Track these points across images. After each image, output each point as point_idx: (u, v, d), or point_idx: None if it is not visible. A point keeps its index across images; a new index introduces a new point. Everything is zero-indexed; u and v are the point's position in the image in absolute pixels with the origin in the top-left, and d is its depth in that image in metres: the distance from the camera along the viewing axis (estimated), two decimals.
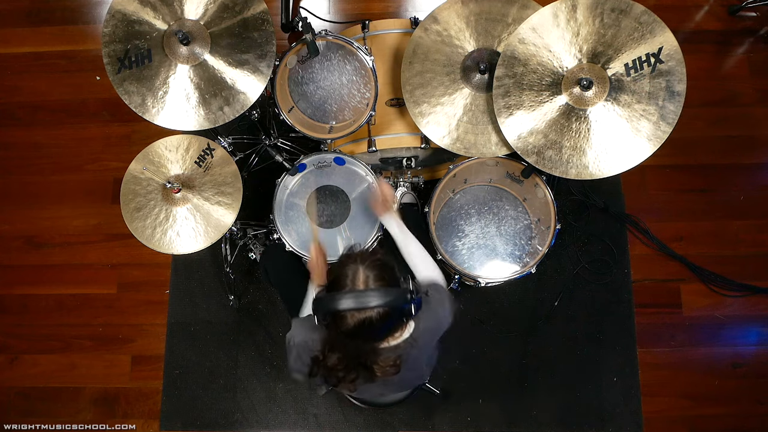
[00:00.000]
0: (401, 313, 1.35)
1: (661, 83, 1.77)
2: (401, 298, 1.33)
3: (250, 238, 2.52)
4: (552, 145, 1.85)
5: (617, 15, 1.79)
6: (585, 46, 1.81)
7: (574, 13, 1.81)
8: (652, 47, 1.77)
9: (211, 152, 2.02)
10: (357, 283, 1.33)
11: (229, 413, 2.51)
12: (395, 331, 1.44)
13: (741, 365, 2.51)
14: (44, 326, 2.69)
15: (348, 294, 1.31)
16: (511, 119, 1.87)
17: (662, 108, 1.77)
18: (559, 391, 2.48)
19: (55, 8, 3.05)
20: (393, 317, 1.34)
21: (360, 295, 1.30)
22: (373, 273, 1.35)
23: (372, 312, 1.29)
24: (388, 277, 1.36)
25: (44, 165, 2.88)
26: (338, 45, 2.12)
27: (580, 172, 1.84)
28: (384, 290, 1.31)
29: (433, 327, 1.57)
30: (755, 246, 2.62)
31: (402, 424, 2.46)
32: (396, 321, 1.38)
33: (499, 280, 2.14)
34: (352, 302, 1.29)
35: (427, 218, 2.13)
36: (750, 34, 2.86)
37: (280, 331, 2.57)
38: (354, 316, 1.30)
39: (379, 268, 1.36)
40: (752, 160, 2.73)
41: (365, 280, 1.34)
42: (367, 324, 1.30)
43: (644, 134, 1.79)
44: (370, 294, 1.30)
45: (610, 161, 1.82)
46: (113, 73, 1.84)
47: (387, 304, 1.30)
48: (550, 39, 1.83)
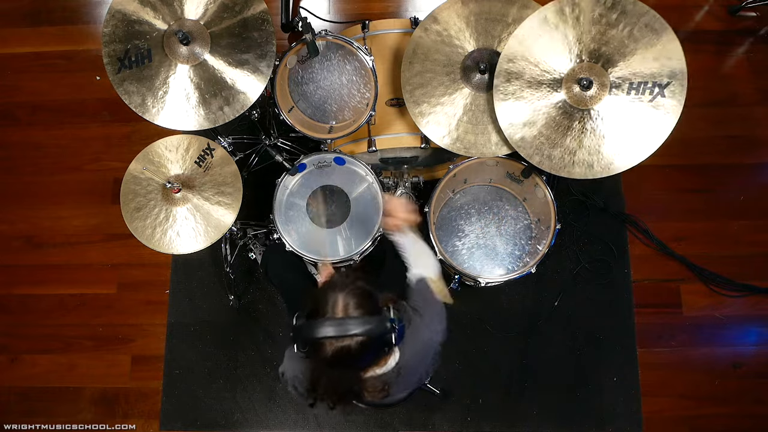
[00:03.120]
0: (382, 342, 1.32)
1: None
2: (381, 326, 1.30)
3: (250, 238, 2.52)
4: (552, 144, 1.85)
5: (620, 15, 1.78)
6: (586, 45, 1.81)
7: (576, 12, 1.80)
8: (659, 66, 1.76)
9: (211, 152, 2.02)
10: (336, 311, 1.30)
11: (229, 413, 2.51)
12: (378, 359, 1.42)
13: (741, 365, 2.51)
14: (44, 326, 2.69)
15: (326, 323, 1.28)
16: (511, 119, 1.87)
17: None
18: (559, 391, 2.48)
19: (55, 8, 3.05)
20: (373, 346, 1.31)
21: (339, 323, 1.27)
22: (353, 300, 1.31)
23: (351, 341, 1.27)
24: (368, 305, 1.33)
25: (44, 165, 2.88)
26: (338, 45, 2.12)
27: (580, 172, 1.84)
28: (363, 318, 1.28)
29: (421, 350, 1.53)
30: (755, 246, 2.62)
31: (402, 424, 2.46)
32: (376, 350, 1.35)
33: (499, 280, 2.14)
34: (330, 330, 1.27)
35: (427, 218, 2.13)
36: (750, 34, 2.86)
37: (280, 331, 2.57)
38: (332, 345, 1.27)
39: (359, 296, 1.33)
40: (752, 160, 2.73)
41: (344, 308, 1.31)
42: (345, 352, 1.27)
43: (644, 134, 1.79)
44: (349, 322, 1.27)
45: (609, 161, 1.82)
46: (113, 73, 1.84)
47: (366, 333, 1.27)
48: (551, 39, 1.83)
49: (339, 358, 1.29)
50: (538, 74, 1.84)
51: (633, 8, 1.77)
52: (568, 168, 1.85)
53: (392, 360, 1.46)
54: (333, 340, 1.27)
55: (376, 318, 1.31)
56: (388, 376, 1.46)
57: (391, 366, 1.46)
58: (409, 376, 1.53)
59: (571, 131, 1.83)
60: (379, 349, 1.35)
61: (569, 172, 1.84)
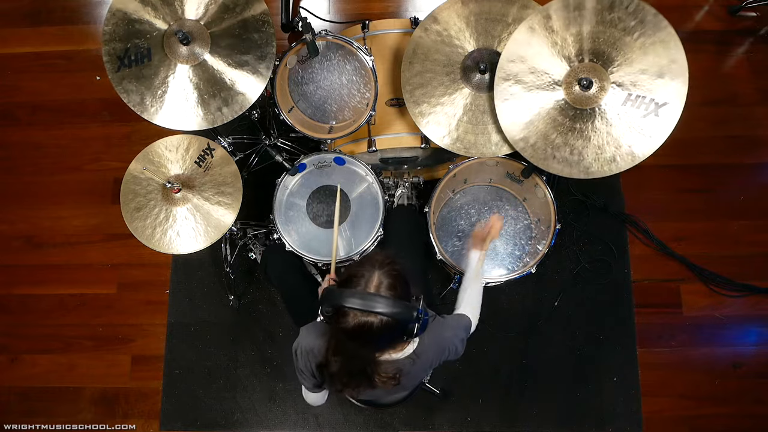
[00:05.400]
0: (404, 328, 1.34)
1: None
2: (407, 313, 1.32)
3: (250, 238, 2.53)
4: (552, 144, 1.85)
5: (638, 24, 1.77)
6: (588, 45, 1.81)
7: (579, 11, 1.80)
8: (662, 84, 1.75)
9: (211, 152, 2.02)
10: (369, 286, 1.33)
11: (229, 413, 2.51)
12: (395, 344, 1.44)
13: (741, 365, 2.51)
14: (44, 326, 2.69)
15: (357, 294, 1.31)
16: (511, 119, 1.87)
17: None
18: (559, 391, 2.48)
19: (55, 8, 3.05)
20: (394, 329, 1.33)
21: (368, 297, 1.29)
22: (387, 281, 1.34)
23: (374, 318, 1.29)
24: (400, 289, 1.35)
25: (44, 165, 2.88)
26: (338, 45, 2.12)
27: (580, 172, 1.84)
28: (392, 301, 1.30)
29: (438, 349, 1.57)
30: (755, 246, 2.62)
31: (402, 424, 2.46)
32: (397, 334, 1.36)
33: (499, 280, 2.14)
34: (358, 302, 1.29)
35: (427, 218, 2.13)
36: (750, 34, 2.86)
37: (280, 331, 2.57)
38: (356, 317, 1.30)
39: (394, 278, 1.35)
40: (752, 160, 2.73)
41: (377, 285, 1.33)
42: (366, 328, 1.30)
43: (644, 134, 1.79)
44: (378, 300, 1.29)
45: (609, 161, 1.82)
46: (112, 72, 1.84)
47: (391, 315, 1.29)
48: (551, 38, 1.83)
49: (359, 332, 1.31)
50: (538, 76, 1.84)
51: (653, 19, 1.75)
52: (568, 168, 1.85)
53: (410, 348, 1.48)
54: (358, 312, 1.29)
55: (405, 304, 1.33)
56: (403, 363, 1.48)
57: (408, 353, 1.48)
58: (421, 369, 1.56)
59: (573, 131, 1.83)
60: (398, 335, 1.37)
61: (570, 172, 1.85)
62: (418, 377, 1.63)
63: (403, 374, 1.48)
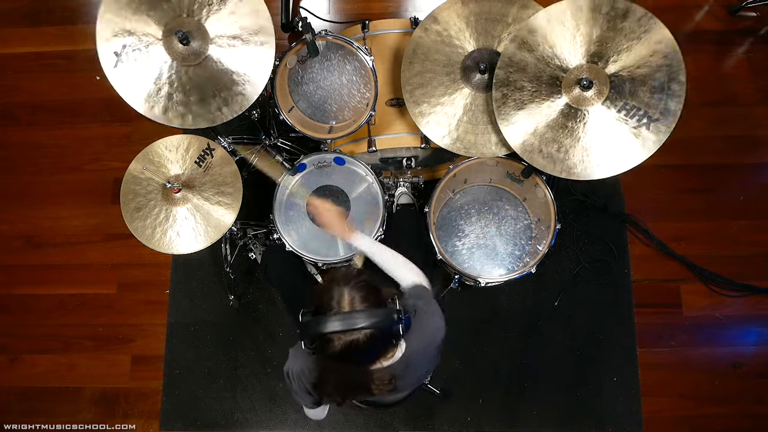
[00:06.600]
0: (389, 334, 1.33)
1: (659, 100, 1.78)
2: (388, 318, 1.31)
3: (250, 238, 2.53)
4: (552, 144, 1.85)
5: (622, 18, 1.77)
6: (588, 47, 1.81)
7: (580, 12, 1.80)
8: (657, 99, 1.76)
9: (211, 152, 2.02)
10: (342, 305, 1.31)
11: (229, 413, 2.51)
12: (385, 352, 1.42)
13: (741, 365, 2.51)
14: (44, 326, 2.69)
15: (334, 317, 1.28)
16: (511, 119, 1.87)
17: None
18: (559, 391, 2.48)
19: (55, 8, 3.05)
20: (381, 339, 1.32)
21: (346, 316, 1.28)
22: (359, 294, 1.32)
23: (359, 334, 1.27)
24: (373, 298, 1.34)
25: (44, 165, 2.88)
26: (338, 45, 2.12)
27: (579, 172, 1.84)
28: (370, 311, 1.29)
29: (426, 343, 1.55)
30: (755, 246, 2.62)
31: (402, 424, 2.46)
32: (384, 342, 1.35)
33: (499, 280, 2.14)
34: (338, 324, 1.27)
35: (427, 218, 2.13)
36: (750, 34, 2.86)
37: (280, 331, 2.57)
38: (341, 339, 1.28)
39: (364, 290, 1.33)
40: (752, 160, 2.73)
41: (350, 302, 1.31)
42: (354, 346, 1.28)
43: (644, 134, 1.79)
44: (356, 315, 1.27)
45: (609, 161, 1.82)
46: (110, 68, 1.84)
47: (373, 325, 1.27)
48: (552, 37, 1.83)
49: (347, 353, 1.29)
50: (538, 76, 1.84)
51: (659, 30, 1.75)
52: (568, 168, 1.85)
53: (399, 352, 1.47)
54: (341, 334, 1.27)
55: (383, 310, 1.32)
56: (395, 368, 1.47)
57: (398, 357, 1.47)
58: (415, 369, 1.54)
59: (573, 131, 1.83)
60: (387, 341, 1.36)
61: (551, 169, 1.85)
62: (415, 378, 1.62)
63: (398, 378, 1.46)
